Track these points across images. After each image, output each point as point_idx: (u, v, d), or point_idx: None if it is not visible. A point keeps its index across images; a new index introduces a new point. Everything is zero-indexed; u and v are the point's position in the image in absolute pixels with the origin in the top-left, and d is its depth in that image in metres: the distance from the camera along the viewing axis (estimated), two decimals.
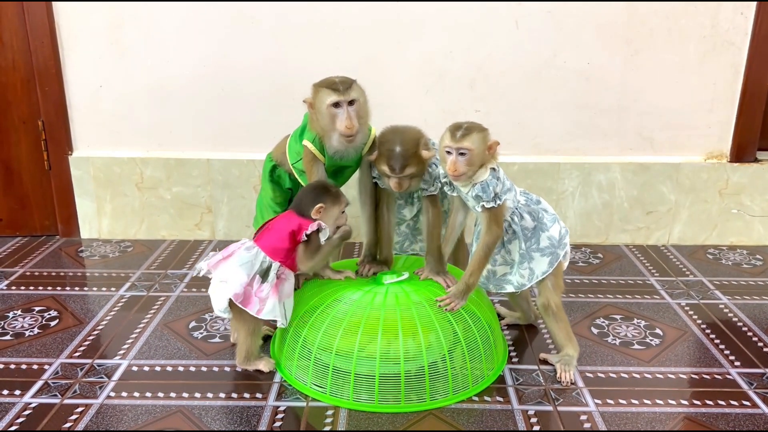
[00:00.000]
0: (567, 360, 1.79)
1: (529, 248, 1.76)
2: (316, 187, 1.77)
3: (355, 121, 1.75)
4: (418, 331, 1.65)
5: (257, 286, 1.70)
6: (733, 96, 2.62)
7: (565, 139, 2.68)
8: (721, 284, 2.38)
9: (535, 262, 1.76)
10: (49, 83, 2.63)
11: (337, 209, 1.77)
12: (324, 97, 1.75)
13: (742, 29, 2.53)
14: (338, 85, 1.75)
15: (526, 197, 1.78)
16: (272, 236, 1.73)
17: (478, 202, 1.67)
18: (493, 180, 1.66)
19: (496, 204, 1.66)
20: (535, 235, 1.76)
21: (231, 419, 1.60)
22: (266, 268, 1.70)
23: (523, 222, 1.75)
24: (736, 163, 2.67)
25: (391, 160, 1.72)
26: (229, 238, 2.76)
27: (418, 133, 1.78)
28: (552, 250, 1.76)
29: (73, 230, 2.83)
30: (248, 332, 1.76)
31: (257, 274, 1.70)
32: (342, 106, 1.74)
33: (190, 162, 2.71)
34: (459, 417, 1.61)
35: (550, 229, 1.77)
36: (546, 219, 1.77)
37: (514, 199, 1.74)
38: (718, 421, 1.60)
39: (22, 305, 2.20)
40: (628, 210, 2.73)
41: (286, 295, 1.75)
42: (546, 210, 1.79)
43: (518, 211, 1.74)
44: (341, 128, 1.74)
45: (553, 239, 1.76)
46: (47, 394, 1.70)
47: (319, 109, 1.78)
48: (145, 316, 2.13)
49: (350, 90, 1.75)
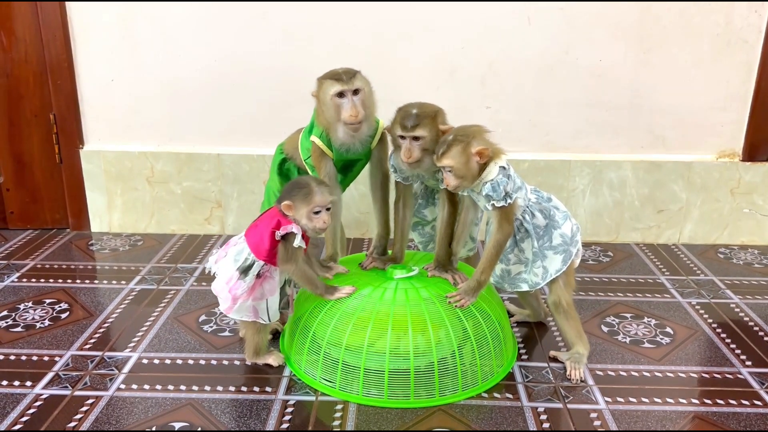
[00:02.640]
0: (577, 358, 1.79)
1: (541, 246, 1.75)
2: (293, 182, 1.71)
3: (360, 109, 1.74)
4: (427, 327, 1.64)
5: (233, 283, 1.67)
6: (746, 94, 2.60)
7: (576, 137, 2.67)
8: (732, 283, 2.36)
9: (548, 261, 1.76)
10: (61, 77, 2.64)
11: (305, 208, 1.64)
12: (328, 88, 1.75)
13: (755, 27, 2.52)
14: (342, 75, 1.74)
15: (537, 195, 1.77)
16: (256, 233, 1.69)
17: (488, 201, 1.66)
18: (503, 179, 1.65)
19: (506, 203, 1.65)
20: (548, 233, 1.75)
21: (241, 412, 1.60)
22: (248, 266, 1.67)
23: (534, 220, 1.74)
24: (748, 162, 2.65)
25: (405, 119, 1.69)
26: (239, 233, 2.76)
27: (438, 107, 1.76)
28: (565, 248, 1.75)
29: (84, 224, 2.84)
30: (254, 330, 1.76)
31: (237, 271, 1.66)
32: (346, 95, 1.74)
33: (200, 157, 2.72)
34: (468, 413, 1.61)
35: (562, 227, 1.76)
36: (558, 216, 1.76)
37: (525, 197, 1.73)
38: (729, 420, 1.59)
39: (33, 297, 2.21)
40: (639, 208, 2.71)
41: (269, 292, 1.72)
42: (557, 207, 1.78)
43: (529, 209, 1.74)
44: (345, 116, 1.74)
45: (565, 237, 1.75)
46: (58, 386, 1.70)
47: (323, 101, 1.78)
48: (155, 309, 2.13)
49: (354, 79, 1.75)
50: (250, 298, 1.69)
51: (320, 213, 1.65)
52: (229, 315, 1.71)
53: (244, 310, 1.70)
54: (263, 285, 1.70)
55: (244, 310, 1.70)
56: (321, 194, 1.64)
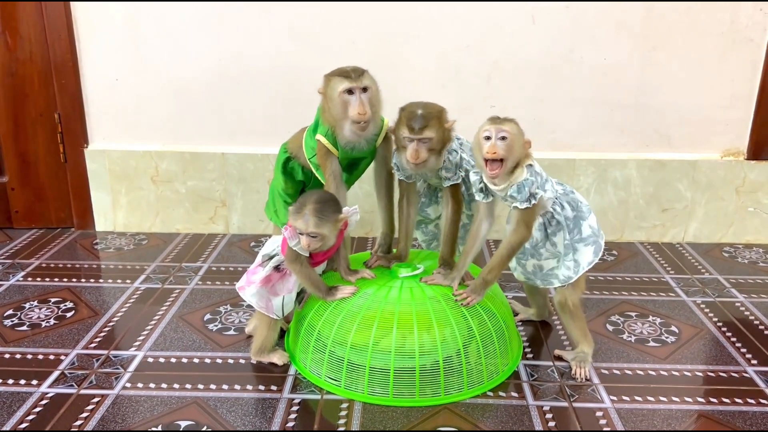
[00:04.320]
0: (582, 357, 1.78)
1: (573, 239, 1.72)
2: (306, 194, 1.70)
3: (368, 107, 1.74)
4: (433, 326, 1.64)
5: (254, 266, 1.73)
6: (751, 93, 2.60)
7: (581, 135, 2.67)
8: (737, 282, 2.36)
9: (579, 254, 1.73)
10: (65, 76, 2.64)
11: (295, 224, 1.63)
12: (336, 85, 1.74)
13: (760, 26, 2.51)
14: (350, 72, 1.74)
15: (563, 187, 1.74)
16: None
17: (512, 202, 1.64)
18: (530, 179, 1.61)
19: (530, 203, 1.62)
20: (577, 225, 1.72)
21: (246, 411, 1.60)
22: (272, 256, 1.72)
23: (564, 212, 1.71)
24: (753, 161, 2.65)
25: (412, 120, 1.68)
26: (243, 232, 2.77)
27: (440, 106, 1.75)
28: (594, 239, 1.73)
29: (89, 223, 2.85)
30: (267, 325, 1.77)
31: (261, 256, 1.73)
32: (355, 92, 1.73)
33: (205, 156, 2.72)
34: (473, 412, 1.61)
35: (589, 218, 1.74)
36: (584, 207, 1.74)
37: (553, 189, 1.70)
38: (734, 419, 1.59)
39: (38, 296, 2.22)
40: (643, 207, 2.71)
41: (285, 290, 1.74)
42: (581, 201, 1.75)
43: (558, 200, 1.70)
44: (353, 114, 1.73)
45: (594, 228, 1.73)
46: (64, 384, 1.71)
47: (331, 97, 1.77)
48: (160, 308, 2.14)
49: (363, 77, 1.74)
50: (266, 288, 1.72)
51: (304, 236, 1.64)
52: (240, 293, 1.75)
53: (255, 295, 1.72)
54: (282, 280, 1.74)
55: (256, 296, 1.73)
56: (302, 219, 1.62)
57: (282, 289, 1.74)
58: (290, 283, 1.75)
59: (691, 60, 2.56)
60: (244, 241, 2.71)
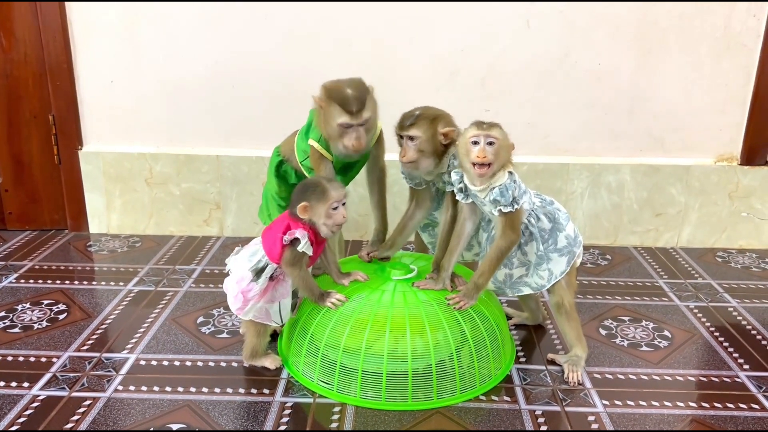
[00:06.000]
0: (575, 360, 1.79)
1: (546, 249, 1.75)
2: (303, 185, 1.69)
3: (364, 140, 1.73)
4: (425, 330, 1.64)
5: (245, 285, 1.67)
6: (745, 98, 2.61)
7: (575, 140, 2.67)
8: (730, 287, 2.37)
9: (553, 263, 1.75)
10: (60, 78, 2.64)
11: (323, 206, 1.63)
12: (335, 114, 1.71)
13: (754, 31, 2.52)
14: (351, 105, 1.69)
15: (541, 199, 1.77)
16: (270, 236, 1.68)
17: (495, 207, 1.65)
18: (511, 184, 1.64)
19: (513, 208, 1.64)
20: (553, 235, 1.75)
21: (238, 414, 1.60)
22: (261, 268, 1.67)
23: (539, 224, 1.74)
24: (746, 166, 2.66)
25: (404, 118, 1.70)
26: (237, 235, 2.77)
27: (443, 111, 1.75)
28: (569, 249, 1.75)
29: (83, 225, 2.84)
30: (256, 332, 1.76)
31: (250, 272, 1.67)
32: (353, 126, 1.72)
33: (199, 158, 2.72)
34: (466, 416, 1.61)
35: (566, 228, 1.76)
36: (561, 219, 1.76)
37: (530, 201, 1.73)
38: (726, 423, 1.59)
39: (30, 298, 2.21)
40: (637, 211, 2.72)
41: (281, 295, 1.73)
42: (559, 210, 1.78)
43: (534, 212, 1.74)
44: (348, 145, 1.73)
45: (570, 238, 1.75)
46: (55, 387, 1.70)
47: (327, 120, 1.75)
48: (153, 310, 2.13)
49: (363, 112, 1.71)
50: (262, 300, 1.70)
51: (338, 208, 1.65)
52: (240, 316, 1.72)
53: (255, 311, 1.71)
54: (276, 288, 1.72)
55: (256, 312, 1.71)
56: (335, 189, 1.64)
57: (278, 296, 1.73)
58: (285, 287, 1.74)
59: (684, 65, 2.56)
60: (238, 243, 2.70)
